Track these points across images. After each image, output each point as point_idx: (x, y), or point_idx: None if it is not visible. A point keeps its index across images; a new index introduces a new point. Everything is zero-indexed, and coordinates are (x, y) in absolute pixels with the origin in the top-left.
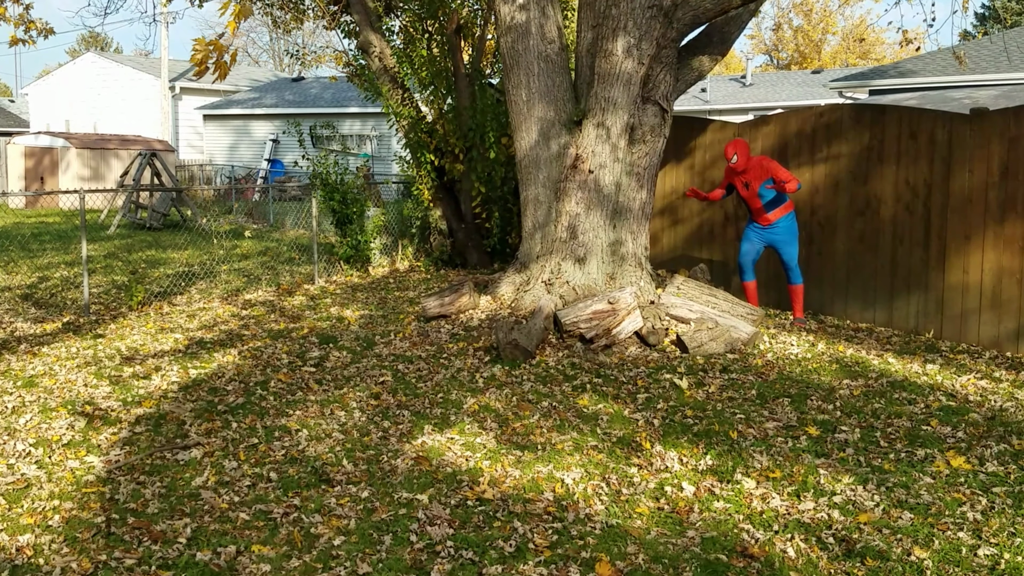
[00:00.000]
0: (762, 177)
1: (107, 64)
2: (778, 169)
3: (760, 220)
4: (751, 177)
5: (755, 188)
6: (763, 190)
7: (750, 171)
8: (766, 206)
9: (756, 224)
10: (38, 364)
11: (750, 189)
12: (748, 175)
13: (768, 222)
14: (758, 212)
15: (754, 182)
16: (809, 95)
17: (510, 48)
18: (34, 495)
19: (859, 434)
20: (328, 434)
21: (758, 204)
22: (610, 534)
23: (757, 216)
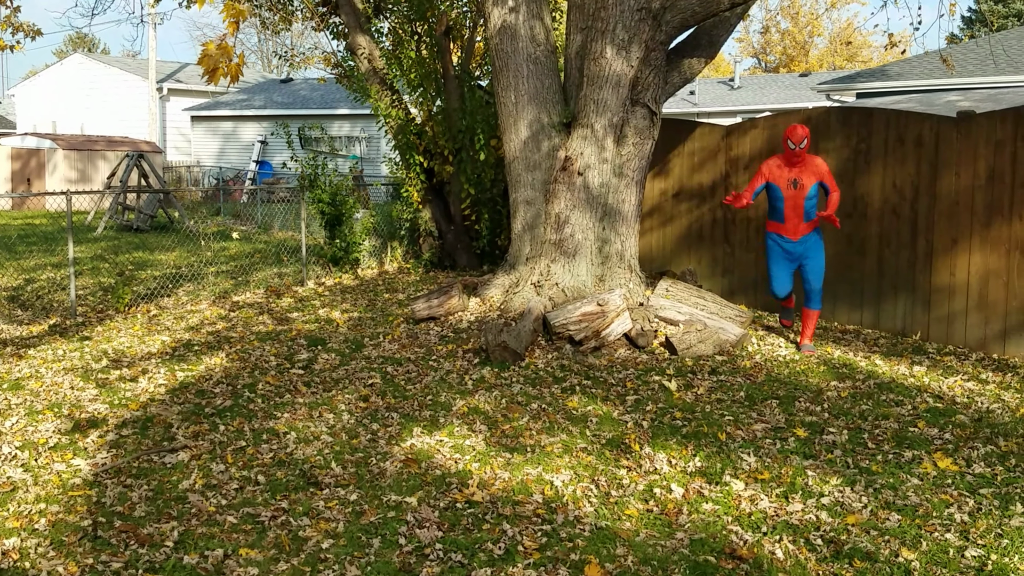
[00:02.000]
0: (815, 178)
1: (94, 65)
2: (830, 175)
3: (793, 231)
4: (805, 174)
5: (807, 189)
6: (813, 192)
7: (805, 167)
8: (807, 213)
9: (783, 237)
10: (24, 367)
11: (800, 189)
12: (801, 170)
13: (800, 235)
14: (798, 220)
15: (807, 181)
16: (797, 98)
17: (499, 50)
18: (20, 498)
19: (847, 436)
20: (316, 437)
21: (801, 211)
22: (599, 536)
23: (793, 226)
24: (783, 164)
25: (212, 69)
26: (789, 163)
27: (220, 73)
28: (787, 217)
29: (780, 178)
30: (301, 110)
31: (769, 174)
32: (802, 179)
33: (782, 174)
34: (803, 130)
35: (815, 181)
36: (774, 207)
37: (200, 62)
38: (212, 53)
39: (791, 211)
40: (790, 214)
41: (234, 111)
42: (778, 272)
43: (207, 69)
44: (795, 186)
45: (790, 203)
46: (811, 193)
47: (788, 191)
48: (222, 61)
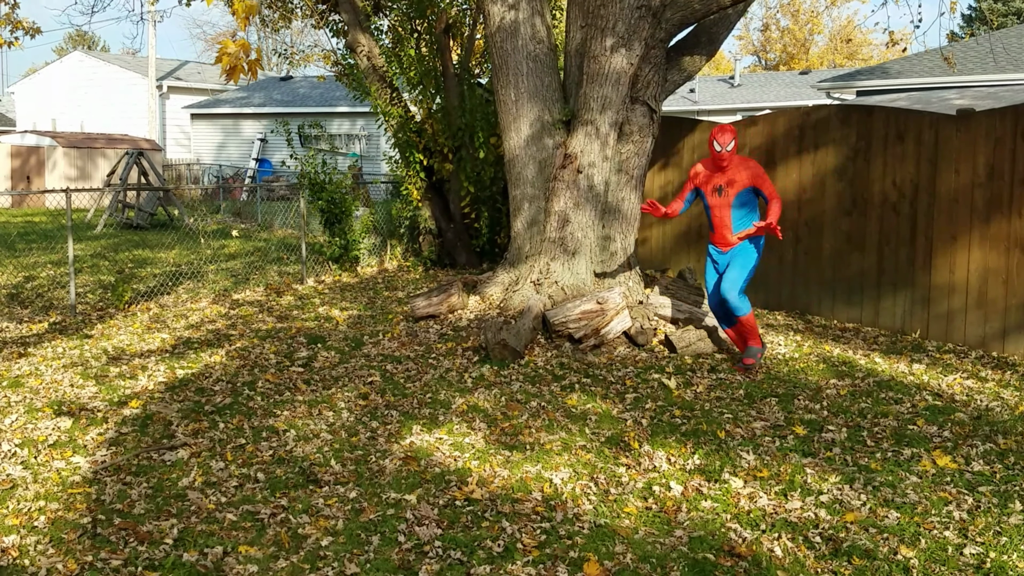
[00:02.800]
0: (744, 184)
1: (94, 63)
2: (767, 180)
3: (723, 242)
4: (731, 180)
5: (731, 196)
6: (742, 200)
7: (732, 171)
8: (737, 224)
9: (715, 248)
10: (24, 364)
11: (724, 196)
12: (728, 176)
13: (730, 246)
14: (726, 230)
15: (731, 188)
16: (797, 96)
17: (499, 48)
18: (20, 496)
19: (846, 433)
20: (316, 434)
21: (727, 220)
22: (598, 534)
23: (721, 236)
24: (710, 169)
25: (232, 67)
26: (716, 167)
27: (240, 71)
28: (715, 226)
29: (706, 184)
30: (301, 108)
31: (696, 179)
32: (728, 185)
33: (708, 179)
34: (731, 131)
35: (744, 187)
36: (706, 215)
37: (218, 60)
38: (231, 51)
39: (717, 220)
40: (717, 223)
41: (234, 109)
42: (709, 284)
43: (226, 68)
44: (719, 193)
45: (716, 211)
46: (738, 201)
47: (713, 198)
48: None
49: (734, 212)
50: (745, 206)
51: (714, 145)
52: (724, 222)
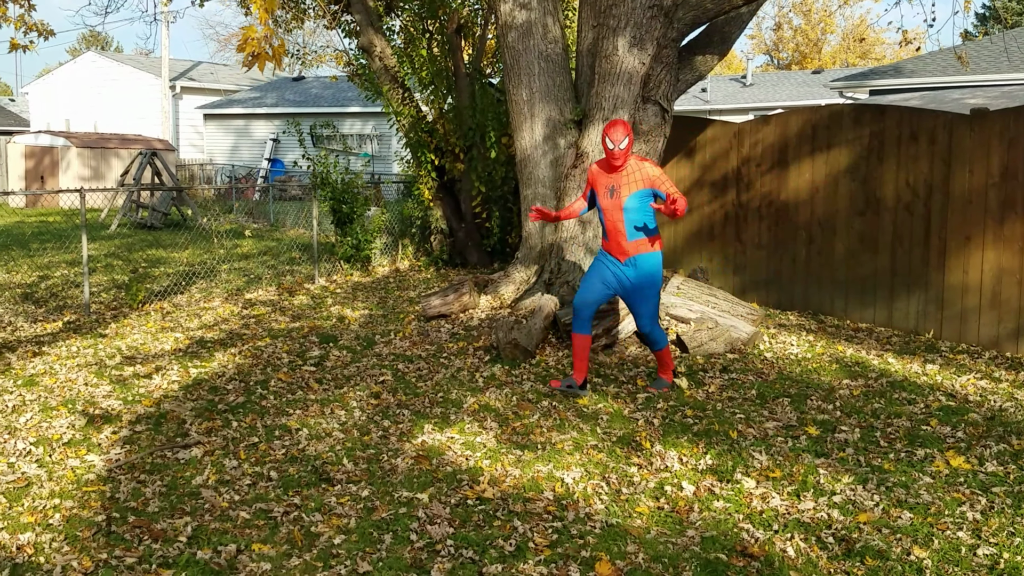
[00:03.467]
0: (638, 185)
1: (108, 63)
2: (666, 181)
3: (618, 250)
4: (624, 182)
5: (623, 199)
6: (635, 203)
7: (626, 171)
8: (632, 230)
9: (612, 258)
10: (39, 363)
11: (616, 198)
12: (620, 177)
13: (627, 255)
14: (618, 236)
15: (624, 189)
16: (809, 95)
17: (511, 47)
18: (35, 494)
19: (859, 434)
20: (328, 433)
21: (621, 225)
22: (610, 533)
23: (616, 243)
24: (604, 169)
25: (255, 54)
26: (609, 167)
27: (266, 58)
28: (608, 232)
29: (600, 184)
30: (313, 108)
31: (592, 179)
32: (620, 187)
33: (601, 180)
34: (624, 127)
35: (639, 190)
36: (598, 216)
37: (241, 48)
38: (256, 36)
39: (610, 225)
40: (611, 228)
41: (246, 109)
42: (587, 284)
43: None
44: (611, 194)
45: (608, 215)
46: (632, 204)
47: (605, 200)
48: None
49: (627, 216)
50: (639, 211)
51: (606, 142)
52: (617, 227)
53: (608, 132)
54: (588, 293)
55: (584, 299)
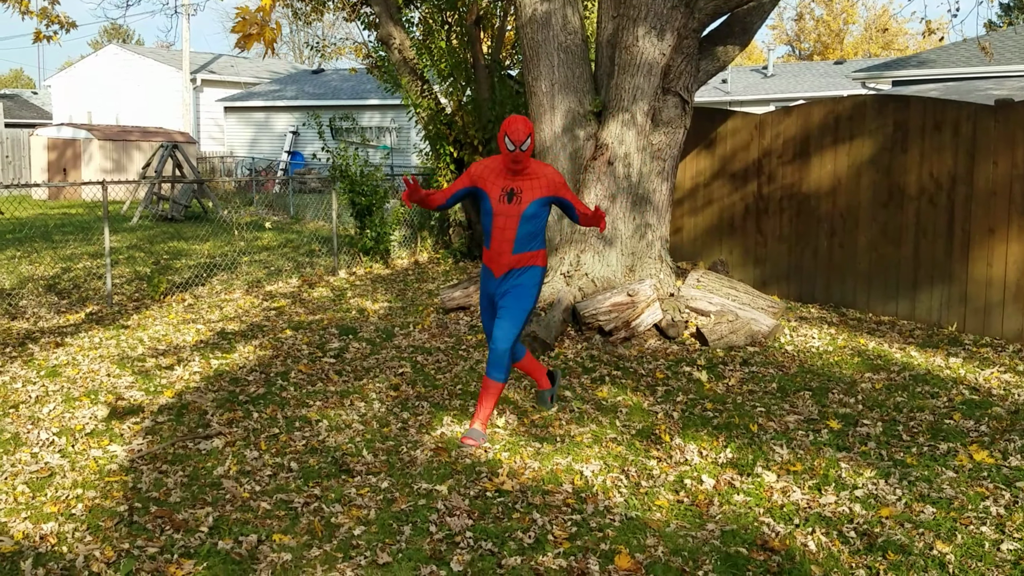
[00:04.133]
0: (541, 192)
1: (129, 56)
2: (569, 189)
3: (497, 262)
4: (527, 187)
5: (524, 206)
6: (535, 211)
7: (529, 175)
8: (522, 242)
9: (488, 272)
10: (61, 354)
11: (515, 204)
12: (522, 181)
13: (506, 268)
14: (506, 247)
15: (527, 194)
16: (831, 86)
17: (530, 39)
18: (57, 484)
19: (881, 428)
20: (348, 425)
21: (512, 234)
22: (629, 526)
23: (497, 254)
24: (500, 169)
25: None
26: (508, 169)
27: (254, 38)
28: (494, 240)
29: (492, 185)
30: (332, 101)
31: (479, 176)
32: (523, 191)
33: (496, 181)
34: (526, 125)
35: (540, 197)
36: (483, 224)
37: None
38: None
39: (499, 233)
40: (498, 236)
41: (266, 102)
42: (486, 323)
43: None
44: (509, 199)
45: (499, 222)
46: (531, 212)
47: (500, 205)
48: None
49: (523, 226)
50: (537, 220)
51: (506, 142)
52: (507, 236)
53: (508, 130)
54: (487, 324)
55: (488, 328)
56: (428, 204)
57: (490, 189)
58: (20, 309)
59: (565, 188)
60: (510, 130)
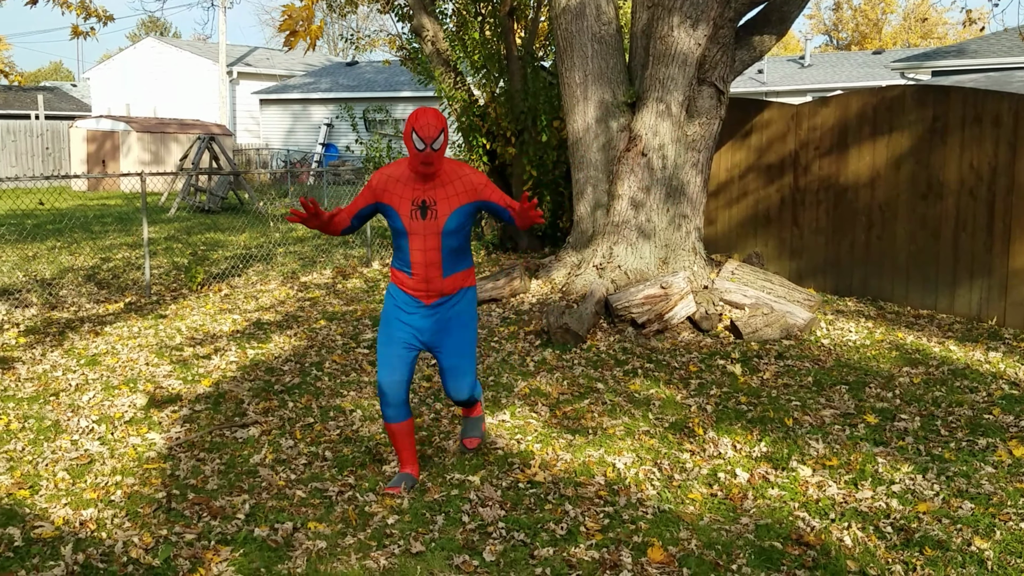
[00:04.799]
0: (461, 199)
1: (166, 49)
2: (495, 188)
3: (425, 290)
4: (442, 195)
5: (444, 220)
6: (457, 224)
7: (443, 180)
8: (450, 262)
9: (410, 298)
10: (101, 343)
11: (431, 219)
12: (435, 188)
13: (439, 296)
14: (428, 271)
15: (444, 204)
16: (869, 76)
17: (564, 30)
18: (97, 470)
19: (919, 422)
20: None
21: (437, 255)
22: (662, 519)
23: (423, 280)
24: (407, 175)
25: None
26: (418, 174)
27: (300, 36)
28: (415, 265)
29: (401, 198)
30: (366, 93)
31: (382, 189)
32: (438, 202)
33: (404, 192)
34: (438, 118)
35: (463, 204)
36: (397, 245)
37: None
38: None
39: (420, 256)
40: (419, 260)
41: (301, 94)
42: (384, 358)
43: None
44: (423, 212)
45: (417, 243)
46: (452, 226)
47: (413, 222)
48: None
49: (446, 243)
50: (460, 233)
51: (414, 140)
52: (430, 259)
53: (416, 125)
54: (391, 371)
55: (390, 379)
56: (332, 229)
57: (398, 203)
58: (60, 298)
59: (489, 188)
60: (418, 125)
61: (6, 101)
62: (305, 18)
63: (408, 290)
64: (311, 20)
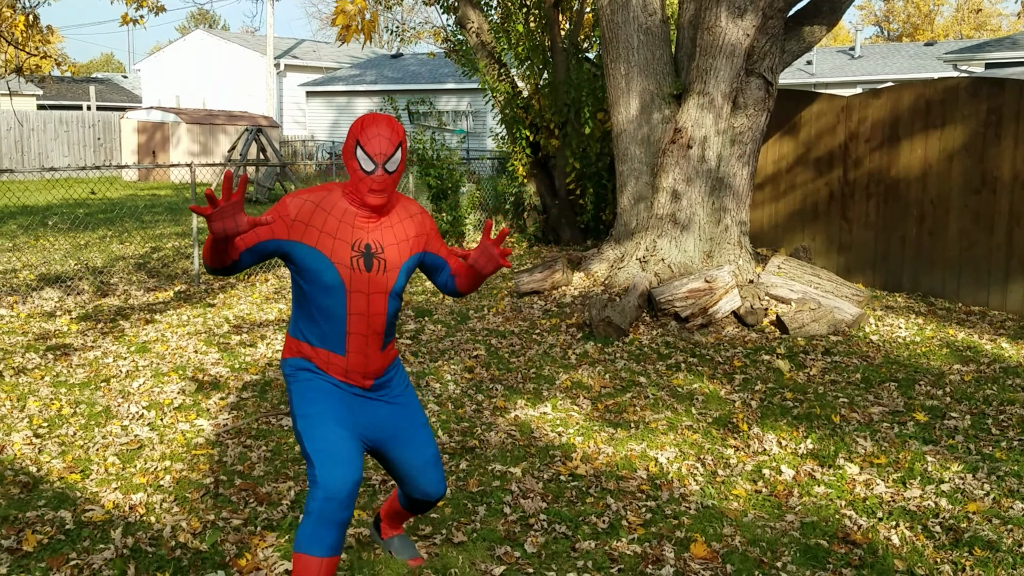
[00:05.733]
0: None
1: (215, 41)
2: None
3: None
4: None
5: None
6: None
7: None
8: (389, 330)
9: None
10: (151, 331)
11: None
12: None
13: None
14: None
15: (393, 252)
16: (921, 68)
17: (609, 20)
18: (146, 456)
19: (969, 421)
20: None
21: (380, 322)
22: (705, 515)
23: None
24: (342, 208)
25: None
26: (364, 206)
27: (354, 30)
28: (352, 336)
29: (335, 239)
30: (410, 85)
31: (304, 224)
32: (384, 247)
33: (340, 230)
34: (394, 129)
35: (413, 255)
36: (312, 305)
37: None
38: (347, 10)
39: (358, 324)
40: (360, 329)
41: (347, 86)
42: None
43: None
44: (368, 263)
45: (358, 304)
46: (402, 283)
47: (355, 273)
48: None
49: (391, 306)
50: (402, 291)
51: (358, 157)
52: (373, 327)
53: (363, 137)
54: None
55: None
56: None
57: (330, 246)
58: (111, 287)
59: (438, 236)
60: (366, 136)
61: (59, 92)
62: (359, 12)
63: (337, 375)
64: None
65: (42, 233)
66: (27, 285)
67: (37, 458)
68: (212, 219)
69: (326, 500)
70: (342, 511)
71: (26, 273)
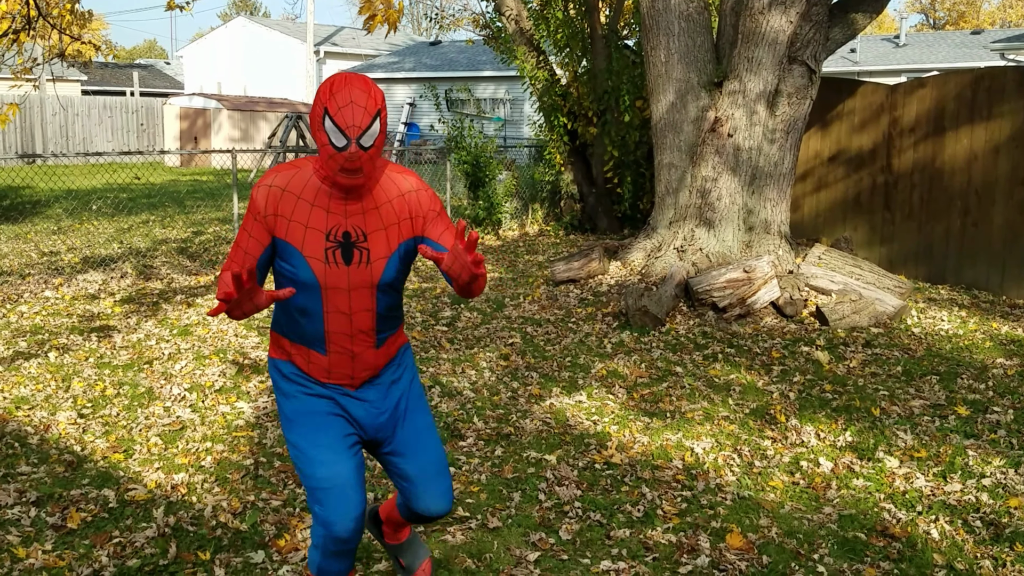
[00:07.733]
0: (403, 229)
1: (256, 28)
2: (445, 214)
3: (350, 375)
4: (376, 223)
5: (381, 263)
6: (396, 270)
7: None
8: (382, 326)
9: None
10: (192, 314)
11: (359, 264)
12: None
13: (368, 375)
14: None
15: (379, 238)
16: (967, 57)
17: (650, 7)
18: (188, 437)
19: (1012, 416)
20: (459, 391)
21: (367, 319)
22: (741, 506)
23: (344, 358)
24: (314, 189)
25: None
26: (336, 186)
27: (379, 20)
28: (332, 335)
29: (307, 227)
30: (448, 72)
31: (273, 214)
32: (368, 234)
33: (312, 217)
34: (368, 93)
35: (405, 241)
36: (293, 306)
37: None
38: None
39: (340, 321)
40: (339, 328)
41: (385, 73)
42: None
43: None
44: (347, 253)
45: (336, 302)
46: (392, 275)
47: (330, 268)
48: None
49: (380, 301)
50: (399, 283)
51: (327, 128)
52: (358, 325)
53: (332, 106)
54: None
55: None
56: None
57: (300, 237)
58: (154, 270)
59: (443, 214)
60: (339, 103)
61: (103, 78)
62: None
63: (319, 375)
64: (390, 4)
65: (86, 217)
66: (71, 267)
67: (81, 437)
68: (231, 312)
69: (329, 537)
70: (348, 544)
71: (71, 256)
